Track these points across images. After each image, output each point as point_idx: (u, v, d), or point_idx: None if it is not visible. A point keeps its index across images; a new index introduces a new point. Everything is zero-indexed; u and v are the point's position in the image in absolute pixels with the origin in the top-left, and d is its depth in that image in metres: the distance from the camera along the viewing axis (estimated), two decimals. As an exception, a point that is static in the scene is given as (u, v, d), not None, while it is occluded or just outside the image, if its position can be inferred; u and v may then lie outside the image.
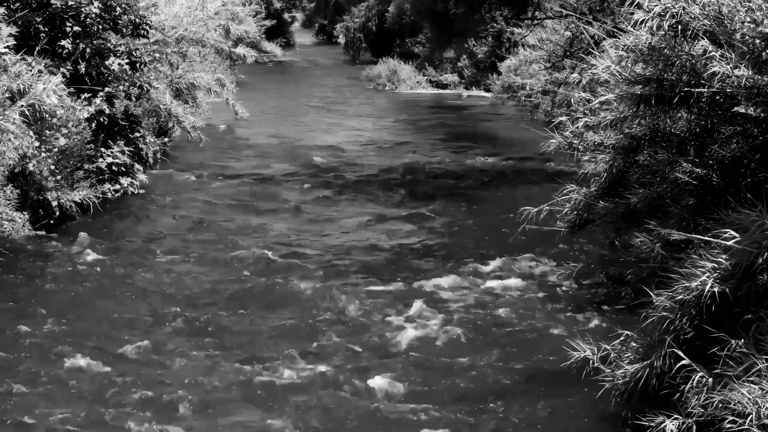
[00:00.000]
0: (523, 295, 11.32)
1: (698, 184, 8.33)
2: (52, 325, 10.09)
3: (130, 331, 10.05)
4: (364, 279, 12.02)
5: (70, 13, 14.17)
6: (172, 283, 11.76)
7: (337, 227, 15.04)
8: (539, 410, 8.25)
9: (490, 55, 34.43)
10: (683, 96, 7.80)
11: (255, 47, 37.74)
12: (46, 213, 13.42)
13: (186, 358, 9.37)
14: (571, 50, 18.26)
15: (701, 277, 6.79)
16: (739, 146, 8.10)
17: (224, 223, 14.99)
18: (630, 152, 9.29)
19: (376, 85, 37.82)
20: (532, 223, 10.35)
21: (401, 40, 44.97)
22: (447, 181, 19.01)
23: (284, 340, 9.89)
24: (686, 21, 7.52)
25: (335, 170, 19.96)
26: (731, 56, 7.19)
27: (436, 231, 14.85)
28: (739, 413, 6.03)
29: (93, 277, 11.86)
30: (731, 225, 6.89)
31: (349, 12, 54.56)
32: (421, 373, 9.04)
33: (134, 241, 13.75)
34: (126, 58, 15.00)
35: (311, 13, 73.92)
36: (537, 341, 9.79)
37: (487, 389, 8.69)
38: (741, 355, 6.43)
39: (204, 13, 19.42)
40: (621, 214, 9.23)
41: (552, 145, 10.40)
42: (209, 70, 20.81)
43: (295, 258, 12.90)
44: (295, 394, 8.54)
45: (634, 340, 7.65)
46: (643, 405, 7.06)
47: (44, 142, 12.30)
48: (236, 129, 24.79)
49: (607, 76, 8.45)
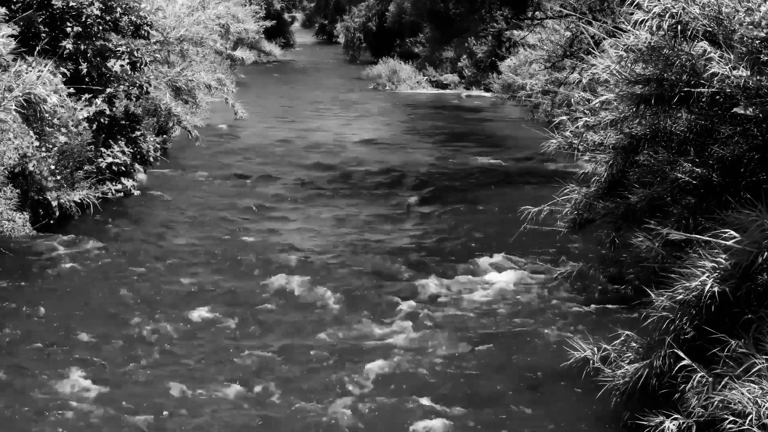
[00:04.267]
0: (523, 294, 11.34)
1: (698, 184, 8.34)
2: (51, 325, 10.11)
3: (131, 330, 10.06)
4: (363, 278, 12.03)
5: (71, 13, 14.17)
6: (172, 282, 11.78)
7: (336, 226, 15.05)
8: (539, 410, 8.26)
9: (490, 54, 34.45)
10: (683, 96, 7.81)
11: (255, 47, 37.79)
12: (46, 213, 13.43)
13: (186, 357, 9.39)
14: (571, 50, 18.26)
15: (701, 277, 6.80)
16: (738, 146, 8.11)
17: (224, 223, 15.00)
18: (630, 152, 9.29)
19: (376, 85, 37.82)
20: (533, 222, 10.36)
21: (401, 39, 44.98)
22: (447, 181, 19.02)
23: (284, 340, 9.91)
24: (686, 21, 7.53)
25: (335, 170, 19.97)
26: (730, 57, 7.19)
27: (436, 231, 14.86)
28: (739, 413, 6.04)
29: (93, 276, 11.87)
30: (731, 225, 6.89)
31: (349, 12, 54.60)
32: (421, 372, 9.05)
33: (134, 241, 13.76)
34: (127, 59, 15.02)
35: (311, 13, 73.96)
36: (537, 341, 9.80)
37: (486, 389, 8.70)
38: (741, 355, 6.44)
39: (205, 14, 19.41)
40: (621, 214, 9.24)
41: (552, 145, 10.40)
42: (209, 70, 20.82)
43: (294, 257, 12.91)
44: (292, 394, 8.55)
45: (634, 340, 7.66)
46: (643, 405, 7.06)
47: (44, 142, 12.30)
48: (236, 129, 24.81)
49: (607, 75, 8.45)
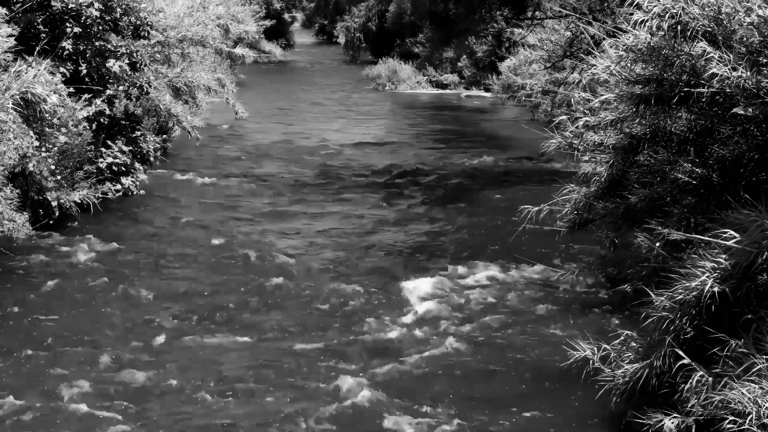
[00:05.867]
0: (522, 294, 11.34)
1: (698, 184, 8.34)
2: (51, 325, 10.11)
3: (130, 330, 10.07)
4: (363, 279, 12.03)
5: (71, 14, 14.16)
6: (172, 282, 11.78)
7: (336, 227, 15.04)
8: (539, 409, 8.26)
9: (490, 54, 34.45)
10: (683, 96, 7.81)
11: (255, 47, 37.76)
12: (46, 213, 13.43)
13: (186, 357, 9.40)
14: (571, 50, 18.27)
15: (701, 277, 6.80)
16: (738, 146, 8.11)
17: (224, 223, 15.01)
18: (630, 152, 9.29)
19: (376, 85, 37.82)
20: (532, 222, 10.36)
21: (401, 40, 44.97)
22: (446, 180, 19.02)
23: (283, 339, 9.91)
24: (685, 21, 7.53)
25: (335, 170, 19.98)
26: (730, 57, 7.20)
27: (436, 231, 14.85)
28: (739, 413, 6.04)
29: (93, 276, 11.87)
30: (731, 225, 6.89)
31: (349, 12, 54.59)
32: (420, 372, 9.06)
33: (134, 241, 13.76)
34: (126, 60, 15.01)
35: (311, 13, 73.91)
36: (537, 341, 9.81)
37: (486, 388, 8.71)
38: (741, 354, 6.44)
39: (205, 14, 19.40)
40: (621, 214, 9.23)
41: (552, 145, 10.40)
42: (209, 70, 20.81)
43: (294, 257, 12.92)
44: (292, 394, 8.56)
45: (634, 340, 7.66)
46: (642, 404, 7.07)
47: (44, 142, 12.30)
48: (236, 129, 24.82)
49: (607, 76, 8.45)
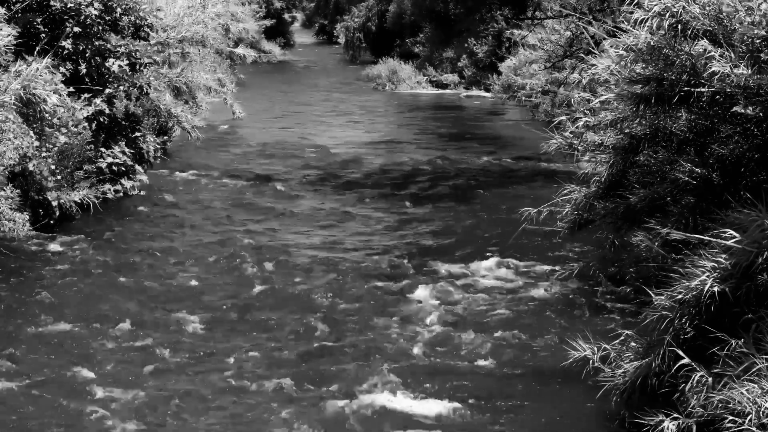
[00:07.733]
0: (523, 294, 11.33)
1: (698, 184, 8.34)
2: (51, 325, 10.10)
3: (131, 330, 10.05)
4: (362, 278, 12.02)
5: (70, 14, 14.16)
6: (173, 282, 11.77)
7: (336, 226, 15.03)
8: (539, 409, 8.26)
9: (490, 54, 34.44)
10: (683, 95, 7.81)
11: (255, 47, 37.78)
12: (46, 213, 13.41)
13: (185, 357, 9.39)
14: (571, 50, 18.29)
15: (701, 277, 6.80)
16: (738, 146, 8.11)
17: (224, 223, 15.00)
18: (630, 152, 9.28)
19: (376, 85, 37.80)
20: (533, 223, 10.36)
21: (401, 40, 44.93)
22: (446, 181, 19.00)
23: (284, 340, 9.91)
24: (686, 20, 7.54)
25: (335, 169, 19.97)
26: (730, 56, 7.20)
27: (435, 231, 14.84)
28: (739, 413, 6.04)
29: (93, 277, 11.86)
30: (731, 225, 6.89)
31: (349, 12, 54.54)
32: (419, 372, 9.04)
33: (134, 241, 13.75)
34: (126, 60, 15.01)
35: (311, 13, 73.86)
36: (537, 341, 9.80)
37: (486, 389, 8.69)
38: (741, 354, 6.44)
39: (205, 14, 19.39)
40: (621, 214, 9.23)
41: (552, 145, 10.40)
42: (209, 70, 20.81)
43: (295, 257, 12.91)
44: (293, 393, 8.55)
45: (634, 340, 7.66)
46: (642, 404, 7.06)
47: (44, 142, 12.29)
48: (236, 129, 24.81)
49: (607, 75, 8.45)
